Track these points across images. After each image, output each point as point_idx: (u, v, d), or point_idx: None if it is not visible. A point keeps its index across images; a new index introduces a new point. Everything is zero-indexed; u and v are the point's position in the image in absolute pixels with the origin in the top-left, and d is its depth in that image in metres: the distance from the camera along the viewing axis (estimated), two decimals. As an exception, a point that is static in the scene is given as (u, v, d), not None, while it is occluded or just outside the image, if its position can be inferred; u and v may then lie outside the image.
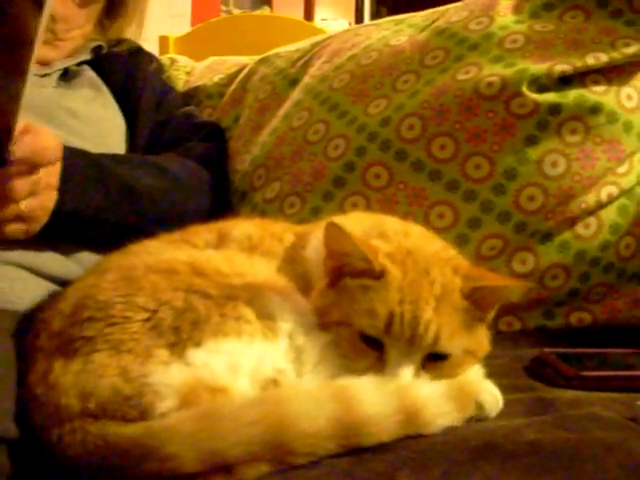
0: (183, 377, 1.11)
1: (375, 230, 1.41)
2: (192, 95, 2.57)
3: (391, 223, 1.48)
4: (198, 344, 1.15)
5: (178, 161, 1.99)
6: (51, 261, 1.58)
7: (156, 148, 2.07)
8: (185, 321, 1.17)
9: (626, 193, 1.94)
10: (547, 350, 1.61)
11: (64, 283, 1.53)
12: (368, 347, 1.24)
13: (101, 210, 1.61)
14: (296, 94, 2.23)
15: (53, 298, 1.37)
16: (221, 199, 2.07)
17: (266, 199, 2.04)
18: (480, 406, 1.22)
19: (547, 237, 1.87)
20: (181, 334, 1.16)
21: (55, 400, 1.11)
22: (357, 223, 1.43)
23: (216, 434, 1.03)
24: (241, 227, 1.49)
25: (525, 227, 1.85)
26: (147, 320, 1.17)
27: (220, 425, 1.04)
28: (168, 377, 1.10)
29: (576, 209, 1.87)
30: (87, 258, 1.65)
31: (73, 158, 1.54)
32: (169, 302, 1.19)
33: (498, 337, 1.43)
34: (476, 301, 1.27)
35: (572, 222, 1.88)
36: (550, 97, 1.88)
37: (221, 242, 1.45)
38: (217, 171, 2.11)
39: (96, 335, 1.16)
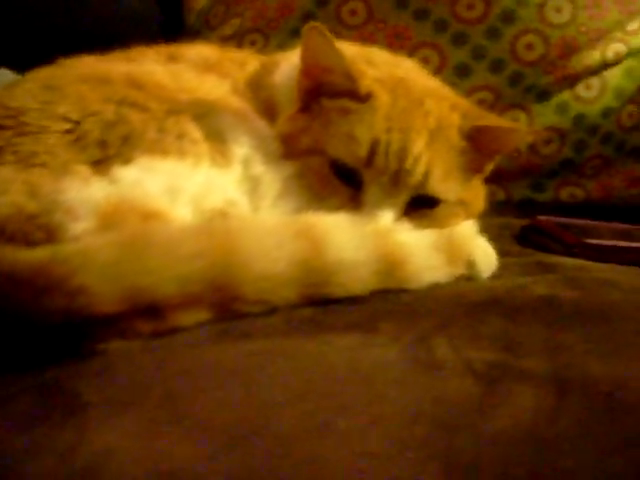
0: (105, 195, 0.86)
1: (362, 58, 1.16)
2: None
3: (380, 53, 1.25)
4: (128, 160, 0.90)
5: None
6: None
7: None
8: (114, 135, 0.93)
9: (634, 54, 1.72)
10: (542, 217, 1.39)
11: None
12: (342, 182, 1.02)
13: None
14: None
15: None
16: (171, 39, 1.79)
17: (224, 37, 1.78)
18: (472, 264, 1.00)
19: (544, 95, 1.66)
20: (108, 149, 0.92)
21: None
22: None
23: (143, 266, 0.78)
24: (197, 48, 1.24)
25: (520, 79, 1.63)
26: (68, 132, 0.92)
27: (149, 255, 0.79)
28: (86, 194, 0.85)
29: (578, 65, 1.65)
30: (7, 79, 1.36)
31: None
32: (97, 113, 0.94)
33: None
34: (477, 144, 1.05)
35: (573, 80, 1.66)
36: None
37: (172, 63, 1.18)
38: (169, 5, 1.83)
39: (3, 145, 0.90)
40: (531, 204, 1.70)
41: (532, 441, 0.57)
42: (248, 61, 1.24)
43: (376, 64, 1.16)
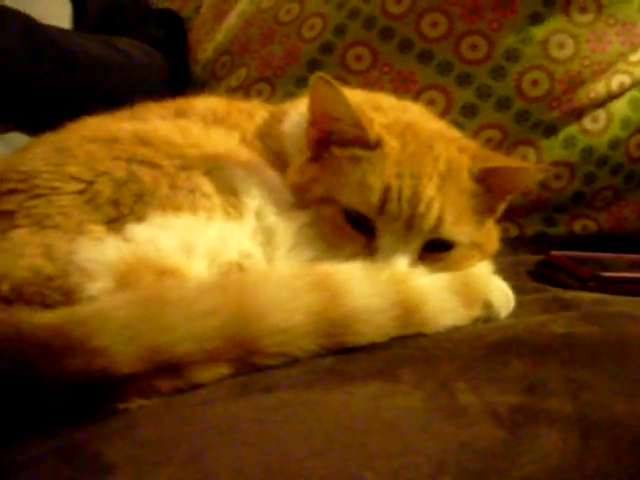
0: (121, 254, 0.86)
1: (369, 104, 1.17)
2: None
3: (387, 99, 1.25)
4: (141, 218, 0.91)
5: (131, 43, 1.73)
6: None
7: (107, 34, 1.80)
8: (127, 193, 0.93)
9: (638, 85, 1.72)
10: (556, 252, 1.38)
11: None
12: (355, 230, 1.02)
13: (31, 77, 1.34)
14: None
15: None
16: (179, 91, 1.81)
17: (231, 87, 1.79)
18: (488, 305, 1.00)
19: (551, 130, 1.66)
20: (121, 208, 0.92)
21: (-41, 285, 0.85)
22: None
23: (160, 324, 0.78)
24: (204, 101, 1.25)
25: (527, 116, 1.63)
26: (80, 192, 0.93)
27: (166, 313, 0.79)
28: (101, 254, 0.86)
29: (584, 98, 1.65)
30: (20, 141, 1.38)
31: None
32: (108, 172, 0.95)
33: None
34: (488, 185, 1.05)
35: (579, 113, 1.66)
36: (559, -32, 1.64)
37: (179, 117, 1.19)
38: (175, 58, 1.85)
39: (16, 209, 0.91)
40: (544, 239, 1.69)
41: (560, 486, 0.57)
42: (256, 111, 1.24)
43: (384, 110, 1.16)
